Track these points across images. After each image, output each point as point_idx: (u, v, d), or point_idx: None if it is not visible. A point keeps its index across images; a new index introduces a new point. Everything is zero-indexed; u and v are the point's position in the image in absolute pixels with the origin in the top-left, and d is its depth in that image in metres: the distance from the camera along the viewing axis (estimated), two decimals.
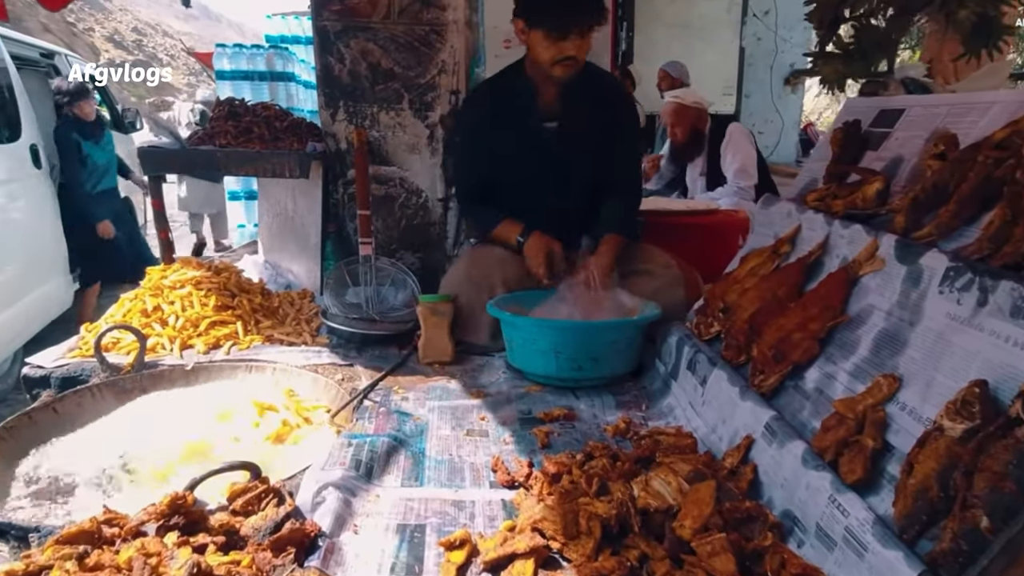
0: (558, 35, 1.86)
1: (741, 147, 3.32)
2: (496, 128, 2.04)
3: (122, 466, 1.36)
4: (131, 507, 1.10)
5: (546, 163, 2.05)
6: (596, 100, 2.06)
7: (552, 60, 1.90)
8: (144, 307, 1.98)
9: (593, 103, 2.06)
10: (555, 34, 1.86)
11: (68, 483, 1.32)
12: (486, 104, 2.10)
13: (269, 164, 2.26)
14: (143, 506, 1.04)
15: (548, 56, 1.90)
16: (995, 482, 0.79)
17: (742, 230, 2.60)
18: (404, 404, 1.62)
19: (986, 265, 0.99)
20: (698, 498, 1.07)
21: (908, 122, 1.41)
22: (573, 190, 2.10)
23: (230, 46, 4.04)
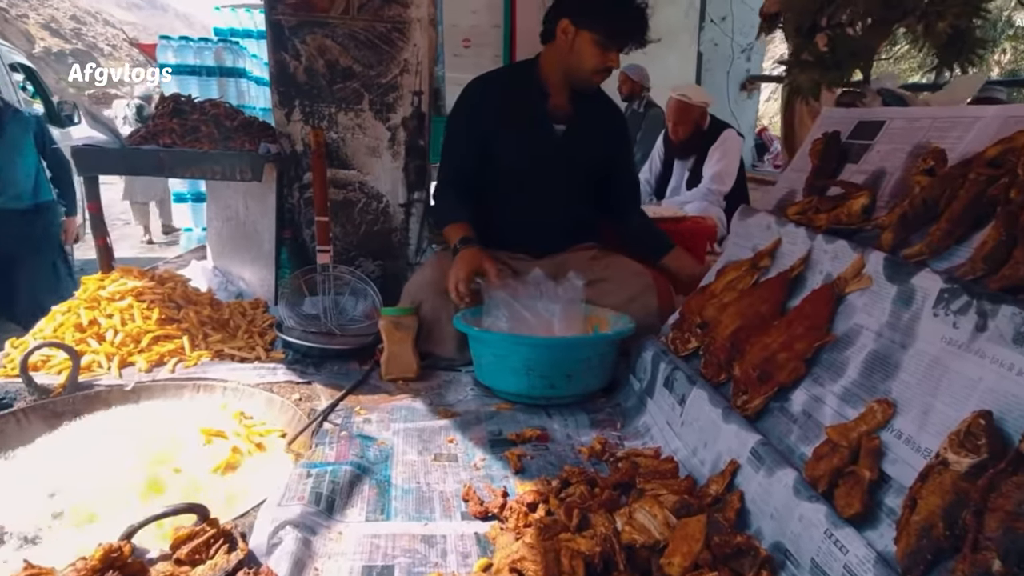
0: (613, 45, 1.86)
1: (730, 153, 3.32)
2: (500, 120, 1.99)
3: (49, 506, 1.22)
4: (59, 557, 0.97)
5: (550, 165, 2.02)
6: (603, 110, 2.09)
7: (595, 68, 1.90)
8: (79, 321, 1.81)
9: (601, 112, 2.08)
10: (610, 43, 1.85)
11: None
12: (492, 95, 2.04)
13: (219, 166, 2.12)
14: (71, 559, 0.92)
15: (592, 63, 1.89)
16: (1008, 522, 0.75)
17: (709, 237, 2.59)
18: (367, 427, 1.52)
19: (983, 287, 0.95)
20: (687, 534, 1.01)
21: (889, 135, 1.39)
22: (569, 194, 2.08)
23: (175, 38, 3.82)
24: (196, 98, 2.40)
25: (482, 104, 2.02)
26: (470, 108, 2.04)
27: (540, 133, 2.00)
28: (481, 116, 2.01)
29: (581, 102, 2.02)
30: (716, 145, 3.31)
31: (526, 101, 2.00)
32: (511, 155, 1.99)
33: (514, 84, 2.04)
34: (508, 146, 1.98)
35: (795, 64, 1.66)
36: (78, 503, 1.23)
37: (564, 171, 2.01)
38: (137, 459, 1.36)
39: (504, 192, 2.04)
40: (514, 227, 2.04)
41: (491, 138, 1.99)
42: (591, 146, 2.01)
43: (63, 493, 1.24)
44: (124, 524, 0.98)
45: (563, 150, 2.01)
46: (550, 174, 2.01)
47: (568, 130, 2.02)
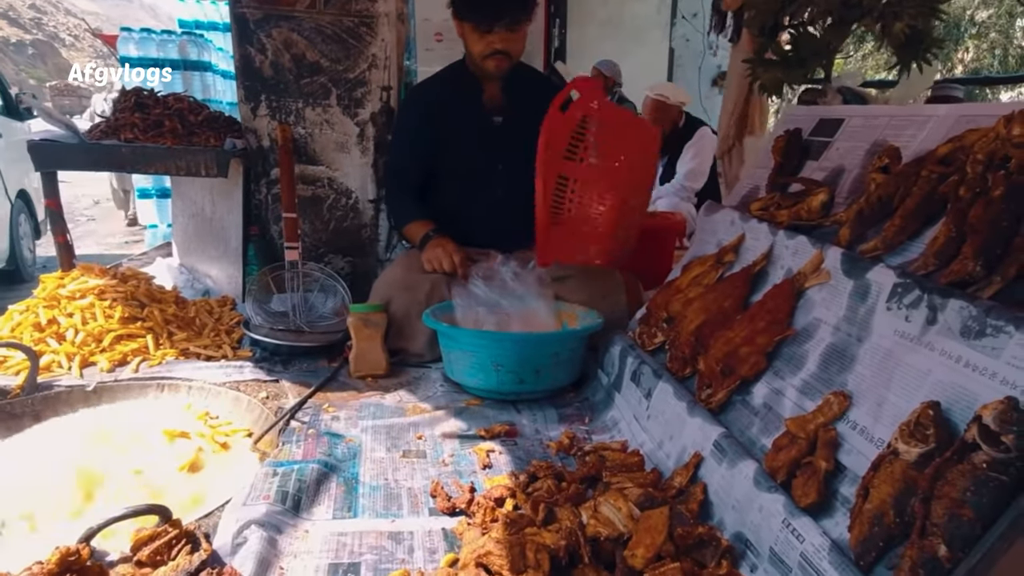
0: (484, 28, 1.87)
1: (704, 151, 3.35)
2: (442, 120, 2.00)
3: (7, 509, 1.19)
4: (15, 562, 0.95)
5: (491, 156, 2.03)
6: (538, 97, 2.03)
7: (482, 54, 1.91)
8: (37, 320, 1.77)
9: (535, 100, 2.03)
10: (482, 27, 1.87)
11: None
12: (432, 95, 2.07)
13: (183, 162, 2.08)
14: (27, 563, 0.91)
15: (478, 50, 1.91)
16: (953, 509, 0.77)
17: (679, 233, 2.61)
18: (335, 424, 1.51)
19: (933, 282, 0.98)
20: (650, 526, 1.02)
21: (848, 132, 1.42)
22: (515, 184, 2.06)
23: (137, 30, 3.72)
24: (159, 92, 2.36)
25: (421, 109, 2.05)
26: (410, 115, 2.08)
27: (478, 127, 2.02)
28: (422, 120, 2.03)
29: (516, 90, 2.02)
30: (691, 143, 3.35)
31: (461, 99, 2.02)
32: (454, 153, 2.02)
33: (450, 85, 2.06)
34: (450, 145, 2.01)
35: (759, 62, 1.69)
36: (33, 507, 1.20)
37: (509, 162, 2.01)
38: (97, 461, 1.34)
39: (461, 192, 2.05)
40: (478, 226, 2.05)
41: (434, 140, 2.01)
42: (531, 132, 2.00)
43: (18, 497, 1.22)
44: (82, 528, 0.97)
45: (503, 140, 2.02)
46: (497, 167, 2.02)
47: (505, 120, 2.03)
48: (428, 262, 1.93)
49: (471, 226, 2.04)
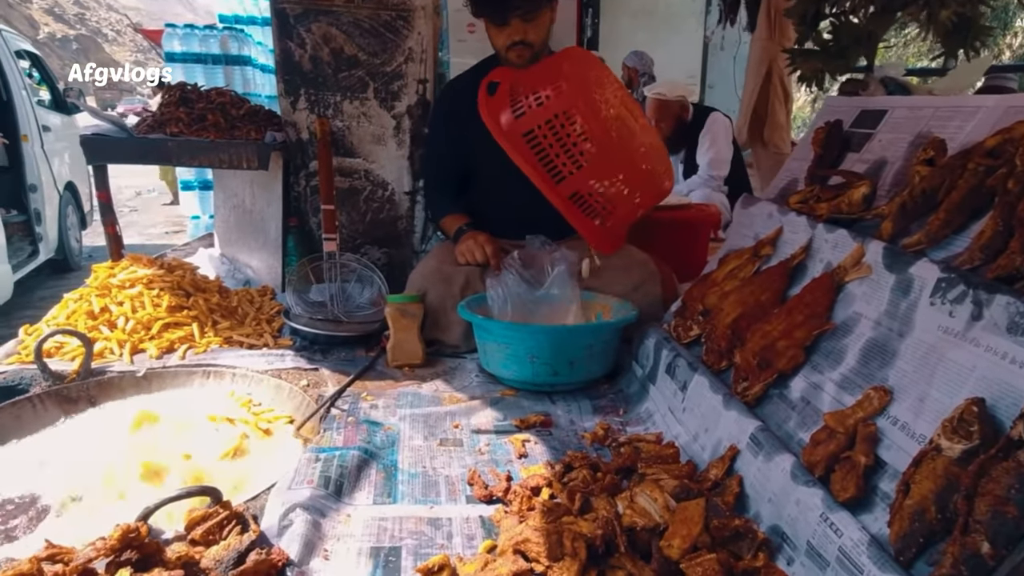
0: (499, 22, 1.87)
1: (719, 137, 3.31)
2: (472, 116, 1.98)
3: (65, 488, 1.25)
4: (76, 537, 1.01)
5: None
6: None
7: (503, 47, 1.91)
8: (90, 308, 1.85)
9: None
10: (496, 21, 1.88)
11: (8, 506, 1.22)
12: (463, 93, 2.05)
13: (226, 155, 2.14)
14: (90, 538, 0.95)
15: (499, 43, 1.92)
16: (997, 506, 0.77)
17: (713, 225, 2.59)
18: (373, 412, 1.55)
19: (980, 277, 0.97)
20: (687, 517, 1.03)
21: (891, 124, 1.39)
22: None
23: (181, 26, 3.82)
24: (202, 86, 2.42)
25: (454, 106, 2.05)
26: (445, 111, 2.09)
27: None
28: (456, 114, 2.03)
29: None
30: (704, 132, 3.32)
31: None
32: (488, 147, 2.00)
33: (483, 78, 2.04)
34: (483, 139, 1.99)
35: (798, 52, 1.66)
36: (92, 487, 1.26)
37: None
38: (149, 444, 1.40)
39: (495, 185, 2.05)
40: (512, 220, 2.04)
41: (468, 134, 2.01)
42: None
43: (74, 477, 1.28)
44: (138, 508, 1.01)
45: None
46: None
47: None
48: (461, 255, 1.96)
49: (505, 219, 2.06)
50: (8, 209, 4.97)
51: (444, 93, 2.15)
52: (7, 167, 5.12)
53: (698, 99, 6.65)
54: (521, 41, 1.88)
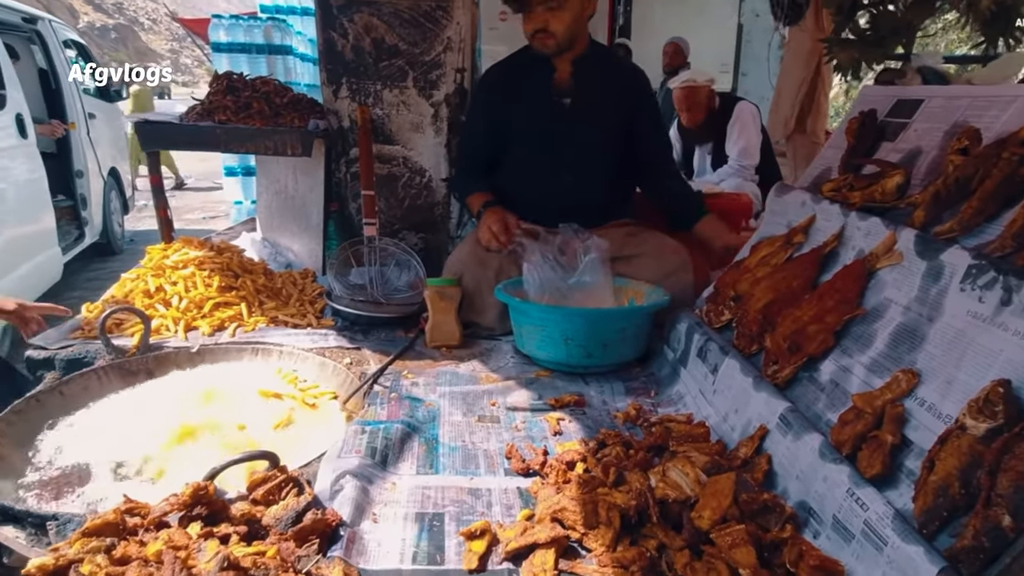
0: (520, 8, 1.92)
1: (748, 126, 3.31)
2: (511, 102, 2.06)
3: (130, 452, 1.35)
4: (142, 494, 1.09)
5: (560, 137, 2.07)
6: (609, 78, 2.10)
7: (530, 34, 1.96)
8: (146, 288, 1.95)
9: (605, 80, 2.09)
10: (518, 8, 1.93)
11: (78, 468, 1.31)
12: (503, 79, 2.12)
13: (271, 142, 2.22)
14: (155, 497, 1.04)
15: (526, 29, 1.97)
16: (1019, 482, 0.81)
17: (745, 214, 2.61)
18: (415, 390, 1.62)
19: (1010, 264, 0.99)
20: (717, 490, 1.08)
21: (927, 113, 1.41)
22: (583, 165, 2.11)
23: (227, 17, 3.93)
24: (247, 75, 2.50)
25: (494, 91, 2.10)
26: (484, 96, 2.14)
27: (547, 108, 2.06)
28: (494, 103, 2.09)
29: (586, 72, 2.04)
30: (732, 121, 3.31)
31: (532, 80, 2.06)
32: (524, 135, 2.06)
33: (522, 66, 2.10)
34: (520, 126, 2.05)
35: (835, 42, 1.67)
36: (157, 452, 1.35)
37: (578, 143, 2.05)
38: (204, 415, 1.49)
39: (531, 172, 2.10)
40: (547, 207, 2.08)
41: (505, 120, 2.07)
42: (601, 114, 2.04)
43: (135, 442, 1.37)
44: (194, 472, 1.09)
45: (572, 122, 2.05)
46: (565, 148, 2.05)
47: (574, 101, 2.05)
48: (482, 236, 2.02)
49: (539, 204, 2.10)
50: (56, 194, 5.16)
51: (485, 77, 2.20)
52: (55, 154, 5.31)
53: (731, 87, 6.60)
54: (543, 29, 1.93)
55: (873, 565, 0.91)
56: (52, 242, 4.64)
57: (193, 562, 0.86)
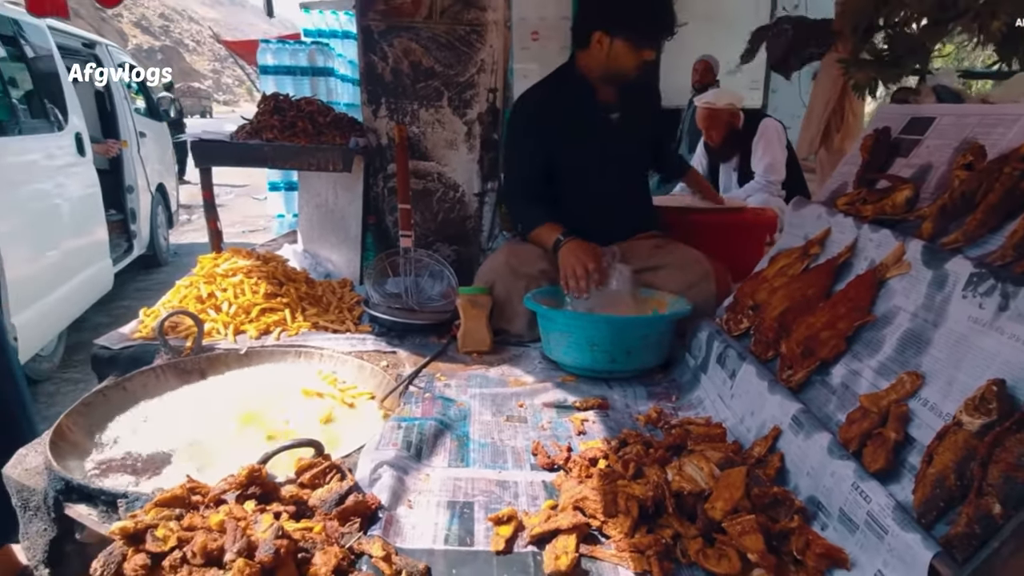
0: (647, 45, 2.04)
1: (772, 143, 3.36)
2: (558, 122, 2.16)
3: (178, 441, 1.47)
4: (201, 478, 1.20)
5: (609, 150, 2.18)
6: (642, 93, 2.26)
7: (634, 66, 2.07)
8: (199, 294, 2.09)
9: (640, 95, 2.25)
10: (644, 44, 2.03)
11: (140, 454, 1.44)
12: (544, 101, 2.21)
13: (314, 158, 2.36)
14: (215, 480, 1.15)
15: (630, 63, 2.07)
16: (1009, 472, 0.87)
17: (769, 228, 2.66)
18: (447, 391, 1.72)
19: (1009, 272, 1.05)
20: (729, 482, 1.15)
21: (939, 130, 1.47)
22: (630, 175, 2.27)
23: (274, 42, 4.16)
24: (292, 96, 2.66)
25: (537, 115, 2.18)
26: (526, 121, 2.20)
27: (598, 124, 2.18)
28: (538, 126, 2.15)
29: (627, 90, 2.19)
30: (757, 138, 3.37)
31: (576, 101, 2.16)
32: (575, 152, 2.15)
33: (561, 89, 2.19)
34: (571, 144, 2.14)
35: (853, 62, 1.74)
36: (214, 443, 1.47)
37: (624, 155, 2.17)
38: (252, 410, 1.61)
39: (578, 187, 2.19)
40: (580, 220, 2.14)
41: (553, 143, 2.15)
42: (642, 126, 2.21)
43: (189, 433, 1.49)
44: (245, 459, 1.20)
45: (620, 135, 2.19)
46: (612, 161, 2.16)
47: (621, 116, 2.19)
48: (565, 274, 1.95)
49: (576, 221, 2.15)
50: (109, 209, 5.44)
51: (523, 106, 2.24)
52: (109, 171, 5.59)
53: (761, 103, 6.62)
54: (649, 60, 2.07)
55: (875, 553, 0.98)
56: (104, 254, 4.88)
57: (251, 531, 0.96)
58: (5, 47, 4.06)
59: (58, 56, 4.50)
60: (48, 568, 1.37)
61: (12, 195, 3.57)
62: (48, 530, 1.35)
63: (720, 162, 3.62)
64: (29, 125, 4.03)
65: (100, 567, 0.88)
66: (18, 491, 1.39)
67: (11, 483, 1.39)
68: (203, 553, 0.90)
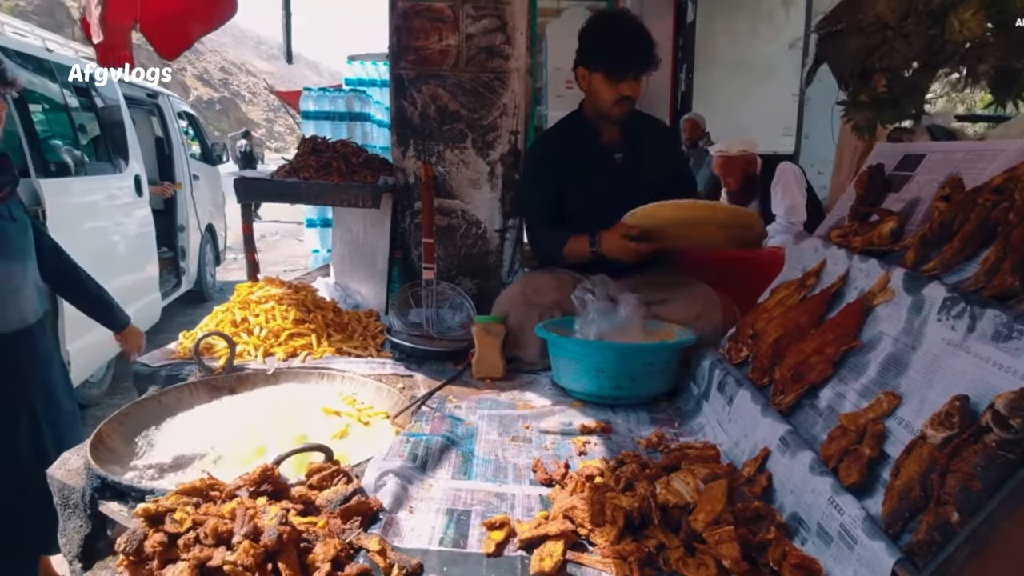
0: (617, 78, 2.14)
1: (791, 185, 3.43)
2: (567, 163, 2.31)
3: (213, 449, 1.58)
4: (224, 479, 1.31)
5: (615, 189, 2.28)
6: (650, 135, 2.36)
7: (612, 100, 2.18)
8: (234, 318, 2.24)
9: (648, 137, 2.35)
10: (614, 77, 2.15)
11: (171, 459, 1.55)
12: (553, 143, 2.39)
13: (345, 195, 2.52)
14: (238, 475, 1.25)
15: (608, 97, 2.19)
16: (965, 482, 0.90)
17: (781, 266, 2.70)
18: (457, 411, 1.80)
19: (978, 296, 1.10)
20: (711, 495, 1.20)
21: (928, 166, 1.53)
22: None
23: (315, 90, 4.46)
24: (329, 139, 2.85)
25: (547, 156, 2.36)
26: (538, 163, 2.39)
27: (601, 164, 2.31)
28: (549, 166, 2.33)
29: (630, 129, 2.30)
30: (775, 182, 3.44)
31: (582, 143, 2.31)
32: (580, 190, 2.28)
33: (569, 132, 2.36)
34: (576, 183, 2.28)
35: (852, 104, 1.82)
36: (234, 453, 1.58)
37: (628, 194, 2.24)
38: (274, 425, 1.72)
39: (578, 223, 2.30)
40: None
41: (562, 181, 2.31)
42: (648, 165, 2.28)
43: (216, 441, 1.60)
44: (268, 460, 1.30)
45: (624, 174, 2.30)
46: (615, 199, 2.24)
47: (625, 156, 2.31)
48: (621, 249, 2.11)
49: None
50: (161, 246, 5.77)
51: (535, 147, 2.46)
52: (163, 211, 5.95)
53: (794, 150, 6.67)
54: (628, 97, 2.17)
55: (846, 563, 1.01)
56: (154, 288, 5.17)
57: (259, 519, 1.05)
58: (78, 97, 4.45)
59: (124, 105, 4.88)
60: (82, 563, 1.49)
61: (75, 230, 3.86)
62: (83, 526, 1.47)
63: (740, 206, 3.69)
64: (94, 167, 4.37)
65: (124, 543, 0.98)
66: (59, 490, 1.52)
67: (54, 482, 1.52)
68: (214, 534, 0.99)
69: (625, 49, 2.11)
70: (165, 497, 1.10)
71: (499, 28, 2.52)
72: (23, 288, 2.13)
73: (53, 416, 2.22)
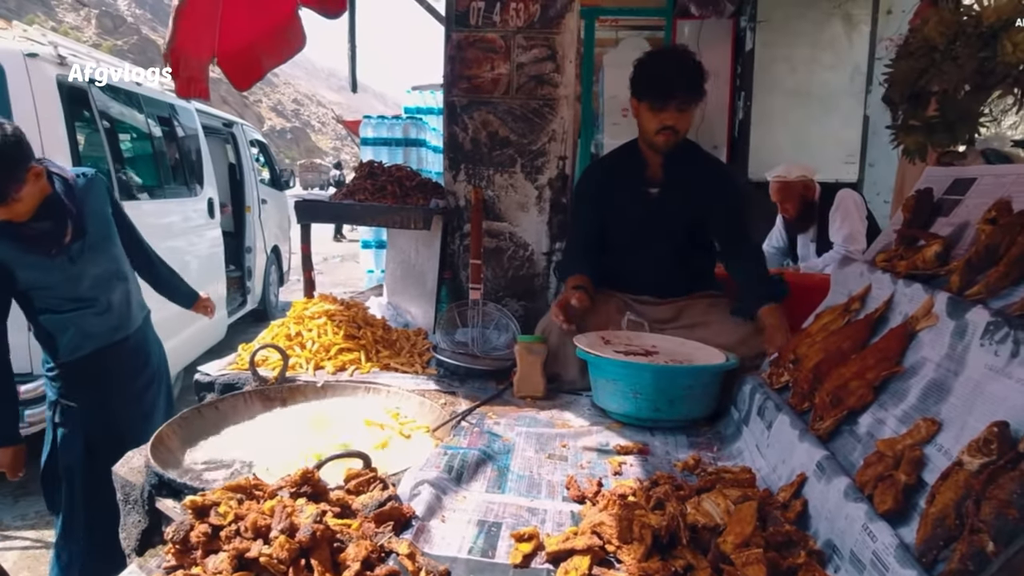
0: (658, 107, 2.15)
1: (851, 213, 3.34)
2: (609, 191, 2.35)
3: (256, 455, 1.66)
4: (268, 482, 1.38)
5: (647, 222, 2.31)
6: (696, 173, 2.32)
7: (655, 129, 2.19)
8: (288, 332, 2.35)
9: (692, 175, 2.31)
10: (656, 105, 2.16)
11: (224, 462, 1.64)
12: (599, 172, 2.46)
13: (398, 216, 2.62)
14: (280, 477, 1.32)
15: (652, 126, 2.20)
16: (1001, 509, 0.87)
17: None
18: (496, 427, 1.83)
19: (1022, 320, 1.07)
20: (741, 517, 1.18)
21: (979, 190, 1.49)
22: (668, 246, 2.34)
23: (375, 117, 4.67)
24: (385, 163, 2.98)
25: (594, 183, 2.40)
26: (585, 187, 2.44)
27: (636, 197, 2.32)
28: (594, 193, 2.38)
29: (674, 166, 2.28)
30: (834, 209, 3.36)
31: (627, 173, 2.34)
32: (615, 219, 2.31)
33: (618, 162, 2.40)
34: (613, 212, 2.31)
35: (902, 128, 1.79)
36: (283, 460, 1.66)
37: (662, 226, 2.27)
38: (320, 434, 1.79)
39: (626, 252, 2.36)
40: (637, 276, 2.35)
41: (602, 209, 2.35)
42: (683, 202, 2.27)
43: (266, 449, 1.68)
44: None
45: (657, 209, 2.30)
46: (650, 230, 2.28)
47: (660, 192, 2.30)
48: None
49: (633, 276, 2.36)
50: (229, 266, 6.06)
51: (585, 173, 2.51)
52: (233, 232, 6.27)
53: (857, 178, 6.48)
54: (672, 127, 2.17)
55: None
56: (221, 306, 5.44)
57: (296, 518, 1.11)
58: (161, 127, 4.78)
59: (201, 134, 5.21)
60: (138, 557, 1.58)
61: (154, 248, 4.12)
62: (141, 521, 1.57)
63: (797, 233, 3.61)
64: (172, 190, 4.67)
65: (172, 532, 1.05)
66: (122, 486, 1.62)
67: (118, 479, 1.63)
68: (253, 528, 1.05)
69: (666, 78, 2.13)
70: (212, 492, 1.17)
71: (549, 57, 2.60)
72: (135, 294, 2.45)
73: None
